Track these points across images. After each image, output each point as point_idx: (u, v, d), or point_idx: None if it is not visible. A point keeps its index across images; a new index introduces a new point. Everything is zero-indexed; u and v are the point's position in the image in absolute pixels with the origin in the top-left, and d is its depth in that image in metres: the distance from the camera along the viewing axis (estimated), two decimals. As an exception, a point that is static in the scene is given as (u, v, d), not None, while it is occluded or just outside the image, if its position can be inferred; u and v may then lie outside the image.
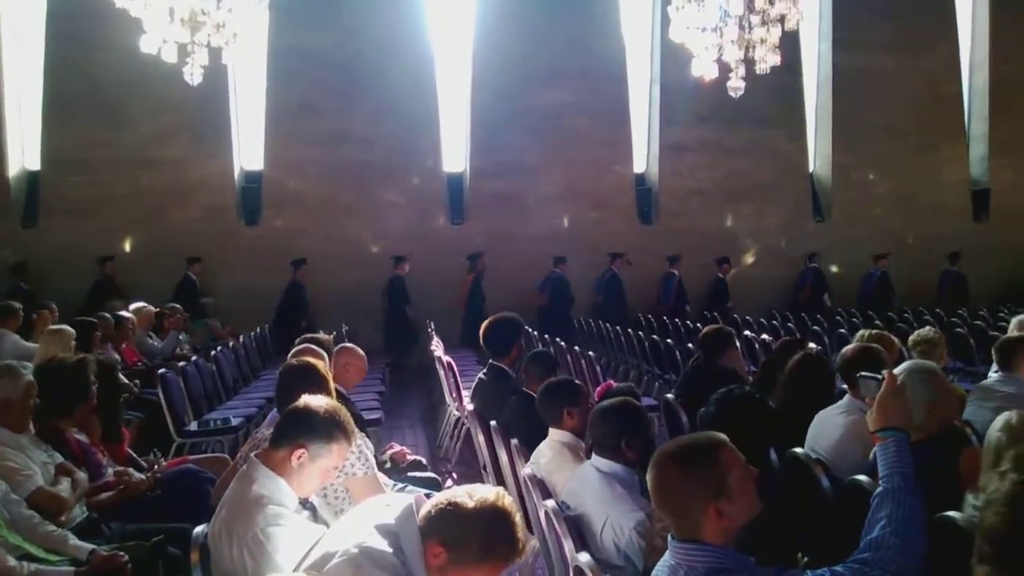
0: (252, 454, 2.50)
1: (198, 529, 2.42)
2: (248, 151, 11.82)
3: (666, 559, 1.81)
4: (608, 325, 9.59)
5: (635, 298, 11.62)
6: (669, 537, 1.80)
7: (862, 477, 2.66)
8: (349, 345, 4.50)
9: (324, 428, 2.36)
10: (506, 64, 11.69)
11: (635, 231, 12.39)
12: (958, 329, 7.91)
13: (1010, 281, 12.76)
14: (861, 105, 12.99)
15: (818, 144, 13.39)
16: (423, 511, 1.97)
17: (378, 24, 11.40)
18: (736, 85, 9.86)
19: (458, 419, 6.04)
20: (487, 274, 11.12)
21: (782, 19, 8.40)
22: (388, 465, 3.94)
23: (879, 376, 1.99)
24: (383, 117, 11.39)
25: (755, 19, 8.41)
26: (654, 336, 8.11)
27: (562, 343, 7.58)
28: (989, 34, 13.47)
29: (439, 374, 6.83)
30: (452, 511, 1.87)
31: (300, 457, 2.32)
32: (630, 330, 8.74)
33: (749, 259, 12.66)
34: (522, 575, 3.70)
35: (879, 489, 1.86)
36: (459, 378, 6.10)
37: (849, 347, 3.68)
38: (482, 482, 5.20)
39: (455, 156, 12.37)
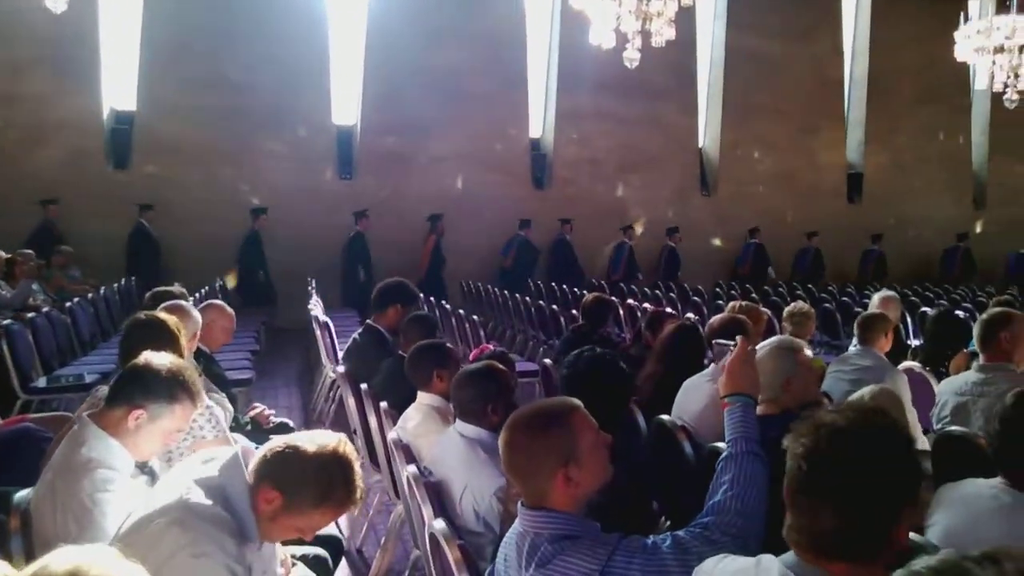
0: (85, 414, 2.28)
1: (20, 494, 2.20)
2: (119, 91, 10.98)
3: (515, 526, 1.75)
4: (497, 290, 9.54)
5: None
6: (519, 504, 1.73)
7: (722, 444, 2.69)
8: (216, 302, 4.22)
9: (166, 388, 2.16)
10: (404, 20, 11.31)
11: (528, 195, 12.36)
12: (826, 305, 8.30)
13: (878, 263, 13.59)
14: (750, 86, 13.35)
15: (708, 121, 13.70)
16: (258, 455, 1.91)
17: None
18: (632, 56, 9.90)
19: (333, 381, 5.85)
20: (375, 232, 10.85)
21: (679, -7, 8.48)
22: (249, 427, 3.73)
23: (732, 343, 1.97)
24: (267, 63, 10.80)
25: (653, -8, 8.47)
26: (540, 302, 8.11)
27: (447, 306, 7.47)
28: (870, 25, 14.09)
29: (316, 334, 6.60)
30: (291, 454, 1.84)
31: (138, 418, 2.13)
32: (517, 295, 8.72)
33: (639, 229, 12.85)
34: (388, 542, 3.61)
35: (723, 453, 1.85)
36: (335, 339, 5.89)
37: (716, 317, 3.73)
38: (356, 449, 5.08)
39: (347, 110, 11.94)
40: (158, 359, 2.22)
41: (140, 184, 10.46)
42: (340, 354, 5.24)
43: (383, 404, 3.32)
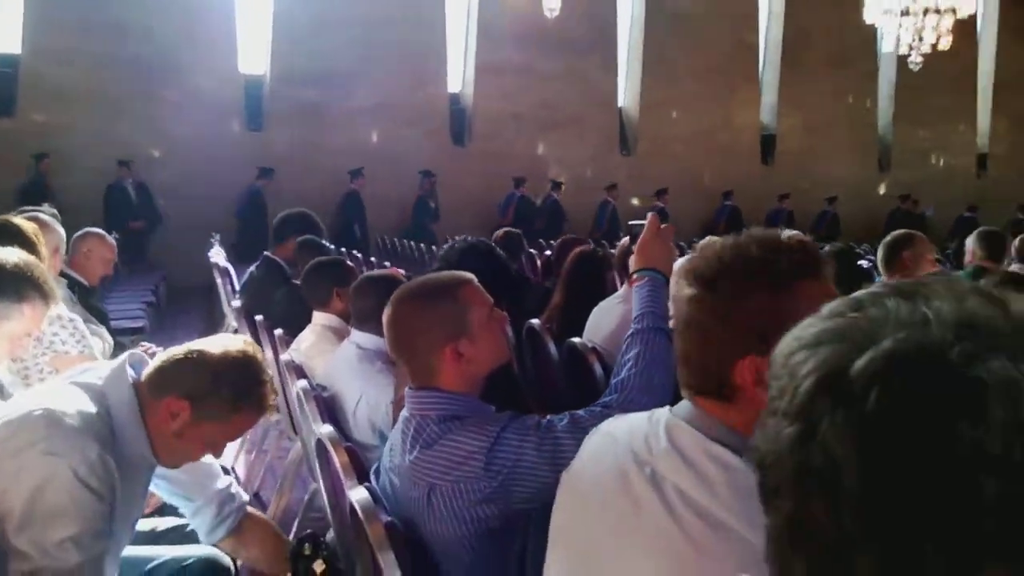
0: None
1: None
2: (3, 32, 10.14)
3: (402, 413, 1.58)
4: (412, 243, 9.32)
5: (447, 220, 11.37)
6: (406, 391, 1.57)
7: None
8: (95, 230, 3.88)
9: (12, 285, 1.89)
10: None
11: (447, 152, 12.08)
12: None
13: (787, 222, 13.86)
14: (669, 45, 13.35)
15: (628, 78, 13.67)
16: (152, 366, 1.67)
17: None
18: (552, 5, 9.77)
19: (235, 329, 5.55)
20: (285, 186, 10.38)
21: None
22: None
23: (643, 221, 1.83)
24: (166, 6, 10.15)
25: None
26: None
27: (359, 255, 7.21)
28: (786, -12, 14.28)
29: (217, 284, 6.24)
30: (196, 359, 1.64)
31: None
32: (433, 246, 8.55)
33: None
34: (285, 482, 3.41)
35: (630, 331, 1.71)
36: (236, 284, 5.57)
37: (623, 241, 3.66)
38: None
39: (255, 59, 11.38)
40: (2, 253, 1.95)
41: (29, 132, 9.73)
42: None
43: (278, 331, 3.11)
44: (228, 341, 1.72)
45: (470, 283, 1.64)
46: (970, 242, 4.43)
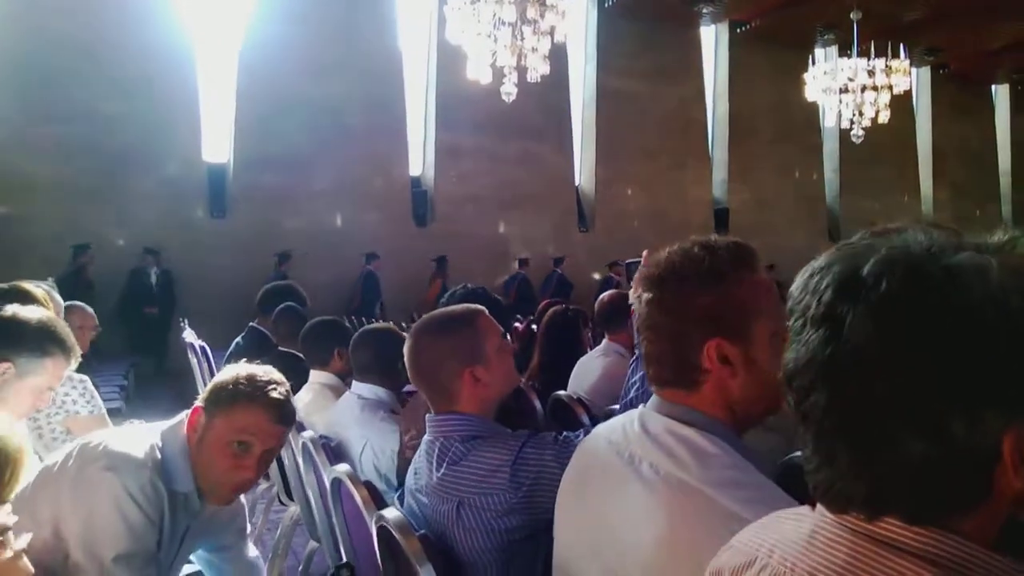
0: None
1: None
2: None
3: (424, 438, 1.68)
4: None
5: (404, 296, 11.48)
6: (426, 417, 1.67)
7: (615, 406, 2.71)
8: (78, 304, 3.90)
9: (36, 340, 1.97)
10: (279, 52, 11.12)
11: (409, 233, 12.29)
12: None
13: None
14: (621, 125, 13.94)
15: (583, 158, 14.17)
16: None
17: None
18: (509, 90, 10.18)
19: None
20: (256, 270, 10.39)
21: (552, 31, 8.83)
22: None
23: (639, 259, 1.98)
24: (131, 95, 10.34)
25: (527, 29, 8.77)
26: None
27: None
28: (728, 69, 15.09)
29: (192, 364, 6.20)
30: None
31: (4, 372, 1.92)
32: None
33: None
34: (280, 544, 3.39)
35: (635, 355, 1.83)
36: (213, 362, 5.56)
37: (602, 296, 3.82)
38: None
39: (218, 145, 11.57)
40: (26, 310, 2.02)
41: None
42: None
43: (271, 395, 3.15)
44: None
45: (484, 314, 1.77)
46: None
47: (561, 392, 3.29)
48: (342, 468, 1.89)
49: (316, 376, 2.97)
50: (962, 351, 0.60)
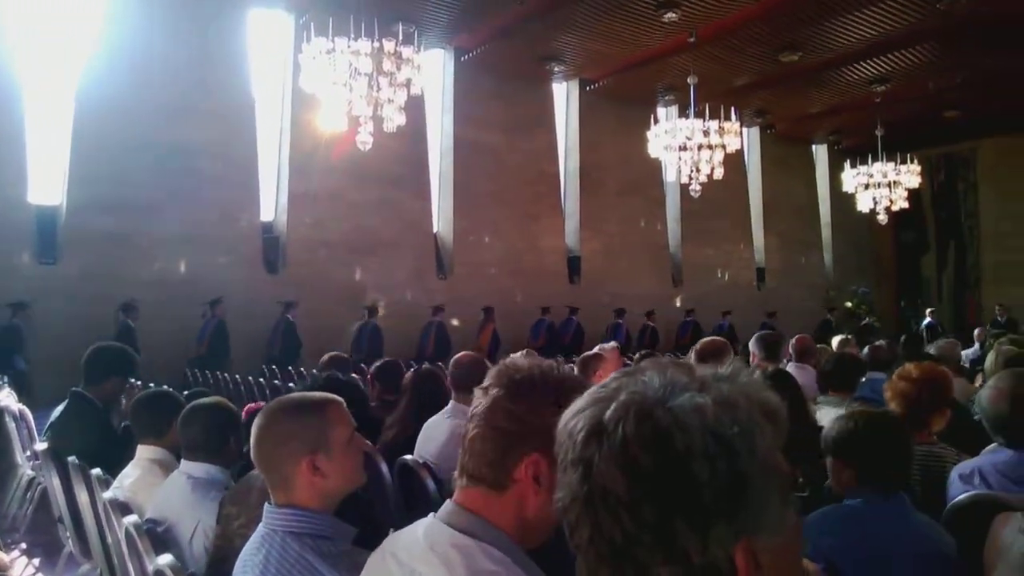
0: None
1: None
2: None
3: (257, 532, 1.61)
4: (217, 373, 9.02)
5: (252, 347, 11.05)
6: (265, 507, 1.61)
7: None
8: None
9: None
10: (122, 92, 10.52)
11: (260, 279, 11.90)
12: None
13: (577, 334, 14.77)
14: (477, 175, 14.22)
15: (441, 206, 14.29)
16: None
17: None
18: (364, 139, 10.17)
19: (32, 478, 5.05)
20: (87, 320, 9.69)
21: (408, 83, 8.93)
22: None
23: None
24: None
25: (384, 80, 8.83)
26: (261, 379, 8.22)
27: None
28: (579, 125, 15.76)
29: (8, 430, 5.66)
30: None
31: None
32: (237, 376, 8.45)
33: (381, 311, 12.81)
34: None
35: None
36: (34, 431, 5.12)
37: (459, 357, 3.84)
38: (59, 547, 4.38)
39: (48, 187, 10.78)
40: None
41: None
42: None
43: (94, 471, 2.94)
44: None
45: (336, 403, 1.72)
46: (752, 345, 5.14)
47: (408, 456, 3.27)
48: (165, 560, 1.80)
49: (144, 451, 2.79)
50: (686, 481, 0.70)
